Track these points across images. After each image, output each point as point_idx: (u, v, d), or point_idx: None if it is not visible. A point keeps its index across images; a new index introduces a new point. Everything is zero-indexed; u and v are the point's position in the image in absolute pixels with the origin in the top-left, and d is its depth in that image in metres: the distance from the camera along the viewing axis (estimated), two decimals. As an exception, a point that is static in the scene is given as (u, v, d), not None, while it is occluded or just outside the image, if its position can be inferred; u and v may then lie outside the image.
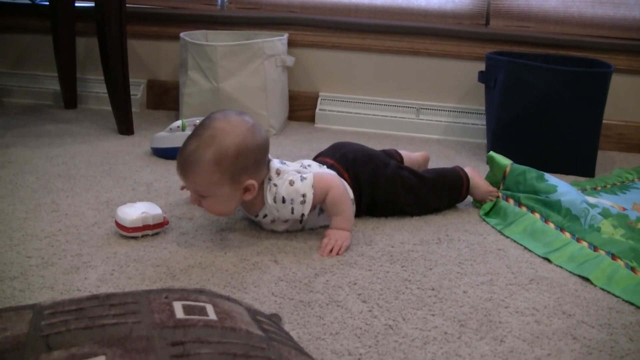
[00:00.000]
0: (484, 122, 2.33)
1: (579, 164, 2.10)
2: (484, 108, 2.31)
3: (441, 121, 2.53)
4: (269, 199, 1.41)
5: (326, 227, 1.50)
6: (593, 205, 1.61)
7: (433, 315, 1.16)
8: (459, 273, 1.33)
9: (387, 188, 1.58)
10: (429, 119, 2.53)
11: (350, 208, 1.49)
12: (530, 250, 1.47)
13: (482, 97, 2.30)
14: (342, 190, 1.45)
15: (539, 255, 1.44)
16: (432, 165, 2.04)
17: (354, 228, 1.52)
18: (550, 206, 1.62)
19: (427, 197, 1.65)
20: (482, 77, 2.23)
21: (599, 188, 1.93)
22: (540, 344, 1.09)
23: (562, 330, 1.13)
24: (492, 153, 1.79)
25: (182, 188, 1.63)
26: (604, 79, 2.08)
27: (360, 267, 1.33)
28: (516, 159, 2.10)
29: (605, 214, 1.60)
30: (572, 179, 2.02)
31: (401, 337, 1.08)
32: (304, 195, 1.40)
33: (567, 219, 1.58)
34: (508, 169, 1.74)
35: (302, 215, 1.42)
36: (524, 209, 1.62)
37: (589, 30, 2.46)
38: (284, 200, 1.40)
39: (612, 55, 2.37)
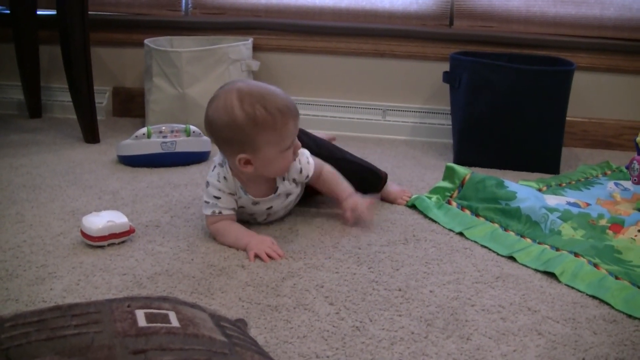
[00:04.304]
0: (450, 122, 2.34)
1: (544, 161, 2.12)
2: (449, 108, 2.32)
3: (407, 122, 2.54)
4: None
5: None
6: (552, 210, 1.63)
7: (400, 315, 1.16)
8: (426, 273, 1.34)
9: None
10: (395, 120, 2.54)
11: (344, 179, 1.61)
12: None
13: (447, 98, 2.32)
14: (333, 167, 1.61)
15: (503, 255, 1.46)
16: (399, 166, 2.06)
17: (320, 230, 1.53)
18: (510, 215, 1.63)
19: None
20: (447, 77, 2.25)
21: (564, 184, 1.95)
22: (506, 340, 1.10)
23: (527, 326, 1.14)
24: (451, 164, 1.83)
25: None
26: (566, 77, 2.10)
27: (327, 270, 1.33)
28: (482, 158, 2.13)
29: (565, 217, 1.62)
30: (538, 176, 2.04)
31: (368, 338, 1.09)
32: (307, 158, 1.56)
33: (527, 225, 1.60)
34: (467, 177, 1.77)
35: (307, 176, 1.55)
36: (481, 219, 1.63)
37: (551, 29, 2.49)
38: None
39: (574, 53, 2.40)
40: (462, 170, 1.79)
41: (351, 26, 2.52)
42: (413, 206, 1.72)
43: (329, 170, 1.59)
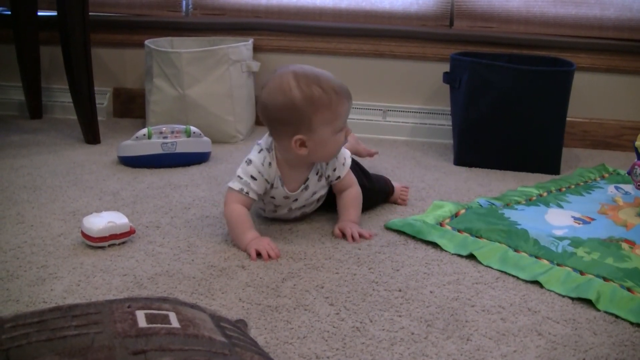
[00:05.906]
0: (450, 123, 2.35)
1: (545, 162, 2.12)
2: (449, 109, 2.33)
3: (408, 123, 2.54)
4: None
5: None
6: (562, 238, 1.53)
7: (400, 316, 1.17)
8: (426, 273, 1.34)
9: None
10: (395, 120, 2.55)
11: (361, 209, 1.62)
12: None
13: (447, 98, 2.32)
14: (360, 191, 1.60)
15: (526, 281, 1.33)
16: (399, 167, 2.06)
17: (320, 231, 1.54)
18: (517, 235, 1.52)
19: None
20: (447, 78, 2.25)
21: (564, 189, 1.93)
22: (506, 341, 1.10)
23: (527, 327, 1.15)
24: (439, 201, 1.74)
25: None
26: (566, 77, 2.10)
27: (327, 270, 1.34)
28: (482, 159, 2.13)
29: (575, 243, 1.50)
30: (538, 177, 2.04)
31: (368, 339, 1.09)
32: (345, 159, 1.56)
33: (537, 248, 1.47)
34: (462, 211, 1.68)
35: (339, 177, 1.56)
36: (484, 240, 1.50)
37: (551, 30, 2.49)
38: None
39: (574, 54, 2.40)
40: (455, 205, 1.71)
41: (351, 27, 2.52)
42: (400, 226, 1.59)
43: (354, 192, 1.59)
